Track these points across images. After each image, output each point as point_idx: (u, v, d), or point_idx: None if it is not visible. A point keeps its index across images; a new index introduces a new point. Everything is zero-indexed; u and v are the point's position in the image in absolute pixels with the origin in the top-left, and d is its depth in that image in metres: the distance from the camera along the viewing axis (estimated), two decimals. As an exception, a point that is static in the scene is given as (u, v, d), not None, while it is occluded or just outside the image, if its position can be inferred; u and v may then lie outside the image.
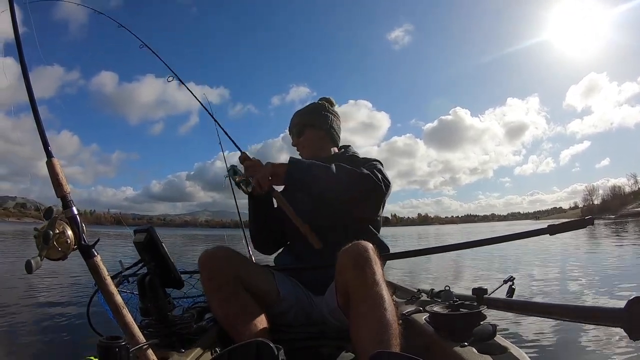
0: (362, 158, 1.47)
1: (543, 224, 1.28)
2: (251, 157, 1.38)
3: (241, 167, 1.37)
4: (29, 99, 0.78)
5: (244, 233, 1.72)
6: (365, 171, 1.23)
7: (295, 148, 1.56)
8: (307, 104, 1.62)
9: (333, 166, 1.24)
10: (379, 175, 1.23)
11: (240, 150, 1.46)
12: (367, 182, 1.21)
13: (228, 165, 1.40)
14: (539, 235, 1.26)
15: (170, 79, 1.74)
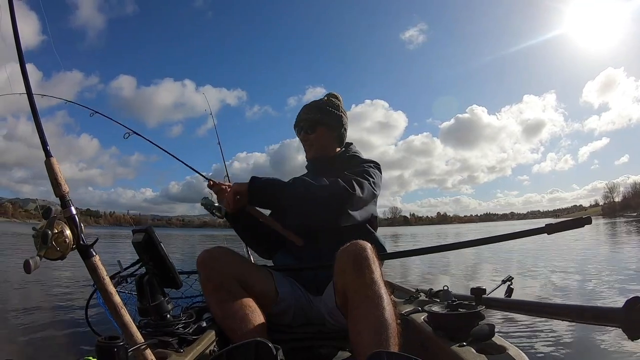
0: (360, 159, 1.48)
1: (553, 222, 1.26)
2: (217, 181, 1.44)
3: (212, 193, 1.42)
4: (28, 99, 0.78)
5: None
6: (326, 182, 1.22)
7: (303, 143, 1.54)
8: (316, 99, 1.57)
9: (292, 181, 1.25)
10: (350, 184, 1.22)
11: (206, 178, 1.49)
12: (324, 193, 1.21)
13: (202, 197, 1.42)
14: (536, 234, 1.25)
15: (127, 135, 1.65)
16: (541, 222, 1.33)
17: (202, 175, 1.58)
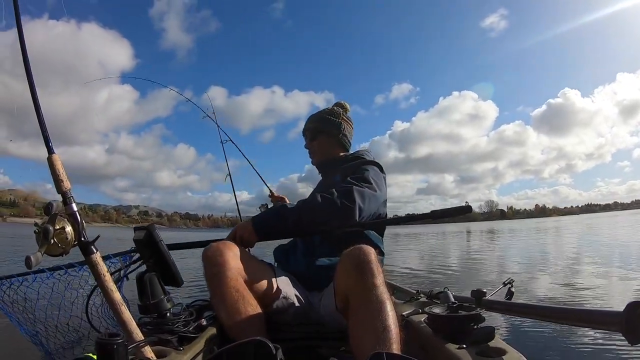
0: (362, 160, 1.51)
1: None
2: (276, 194, 2.10)
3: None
4: (32, 98, 0.78)
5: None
6: (329, 195, 1.24)
7: (307, 149, 1.67)
8: (335, 105, 1.68)
9: (296, 207, 1.26)
10: (349, 196, 1.24)
11: (270, 190, 2.06)
12: (325, 213, 1.22)
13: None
14: (423, 219, 1.36)
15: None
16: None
17: (268, 188, 2.07)
